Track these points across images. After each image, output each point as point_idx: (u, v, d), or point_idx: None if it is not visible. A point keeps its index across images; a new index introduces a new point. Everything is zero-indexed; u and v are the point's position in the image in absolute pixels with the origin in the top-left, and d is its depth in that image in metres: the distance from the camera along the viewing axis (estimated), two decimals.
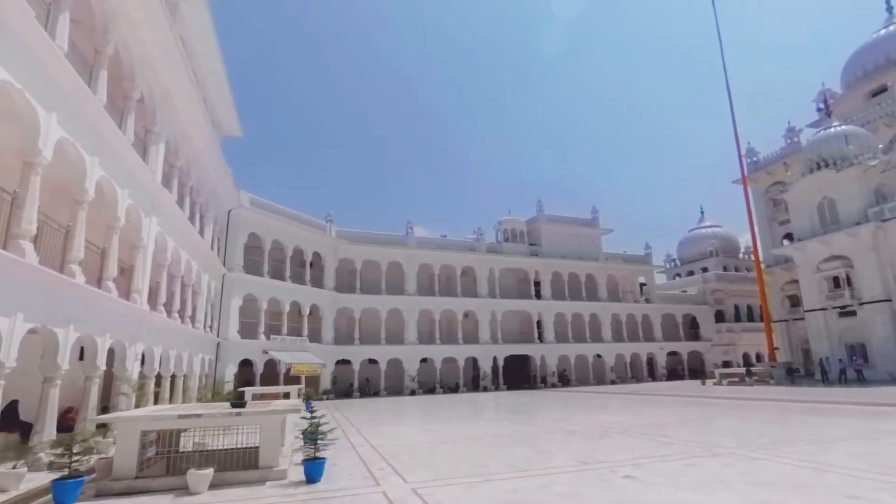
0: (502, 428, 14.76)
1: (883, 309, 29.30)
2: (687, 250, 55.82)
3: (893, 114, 35.77)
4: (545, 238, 42.52)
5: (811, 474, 7.10)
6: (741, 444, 10.12)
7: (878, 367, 28.83)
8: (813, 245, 32.80)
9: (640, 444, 10.44)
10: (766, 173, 42.70)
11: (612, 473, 7.41)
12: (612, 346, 41.87)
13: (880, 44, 40.71)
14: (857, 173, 31.14)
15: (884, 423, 12.51)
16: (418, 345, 35.32)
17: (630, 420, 15.20)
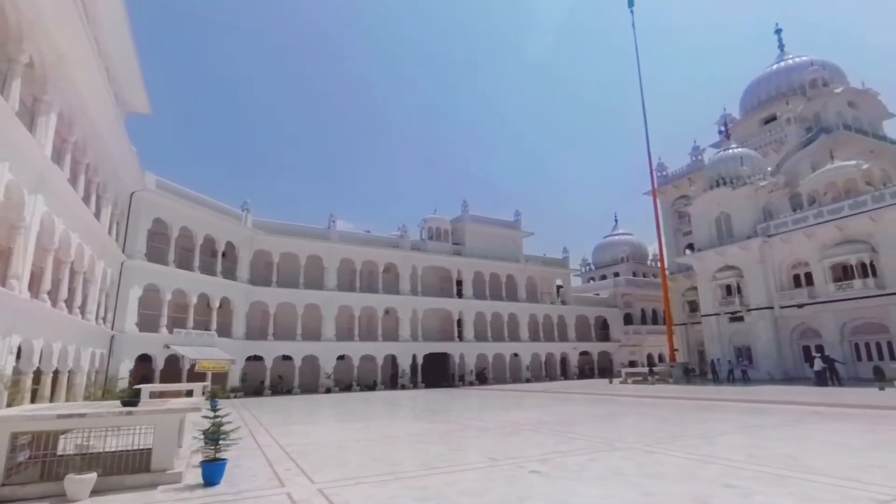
0: (417, 426, 14.64)
1: (766, 315, 32.45)
2: (601, 255, 58.87)
3: (781, 140, 39.78)
4: (469, 238, 43.07)
5: (696, 466, 7.63)
6: (639, 439, 10.71)
7: (761, 368, 31.91)
8: (710, 255, 35.70)
9: (549, 440, 10.75)
10: (673, 187, 46.00)
11: (520, 469, 7.56)
12: (528, 346, 43.18)
13: (772, 77, 45.19)
14: (748, 192, 34.26)
15: (760, 418, 13.77)
16: (336, 342, 34.39)
17: (541, 417, 15.62)
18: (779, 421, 13.01)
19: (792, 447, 9.24)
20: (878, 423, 12.02)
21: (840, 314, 29.28)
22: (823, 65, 41.94)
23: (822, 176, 32.08)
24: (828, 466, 7.38)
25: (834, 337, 29.37)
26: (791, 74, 43.40)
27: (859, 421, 12.54)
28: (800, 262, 31.70)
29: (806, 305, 30.71)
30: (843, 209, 29.28)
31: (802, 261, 31.43)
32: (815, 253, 30.41)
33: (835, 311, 29.42)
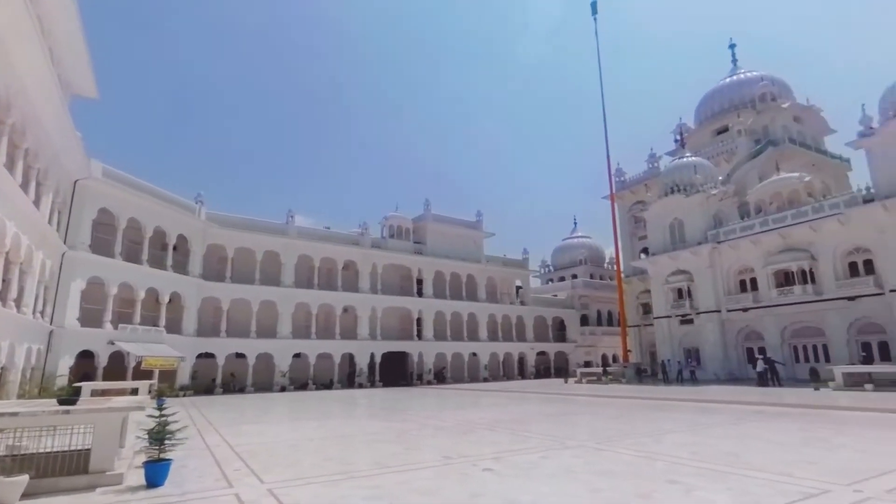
0: (373, 425, 14.54)
1: (713, 318, 33.83)
2: (560, 257, 59.96)
3: (732, 151, 41.57)
4: (430, 237, 43.05)
5: (644, 463, 7.87)
6: (591, 437, 10.97)
7: (708, 369, 33.23)
8: (663, 259, 36.91)
9: (503, 438, 10.87)
10: (630, 192, 47.33)
11: (473, 467, 7.62)
12: (487, 346, 43.54)
13: (725, 90, 47.15)
14: (701, 200, 35.62)
15: (706, 417, 14.34)
16: (292, 339, 33.67)
17: (497, 416, 15.78)
18: (723, 419, 13.56)
19: (733, 445, 9.64)
20: (811, 422, 12.70)
21: (781, 318, 30.82)
22: (773, 80, 44.07)
23: (768, 186, 33.69)
24: (765, 462, 7.74)
25: (775, 339, 30.89)
26: (743, 88, 45.38)
27: (795, 420, 13.21)
28: (746, 268, 33.18)
29: (750, 309, 32.17)
30: (787, 219, 30.83)
31: (748, 267, 32.90)
32: (760, 259, 31.89)
33: (776, 315, 30.95)
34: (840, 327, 28.24)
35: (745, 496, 5.76)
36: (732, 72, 48.61)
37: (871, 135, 27.19)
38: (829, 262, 28.93)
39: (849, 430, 11.13)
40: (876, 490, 5.89)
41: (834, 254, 28.84)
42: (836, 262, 28.78)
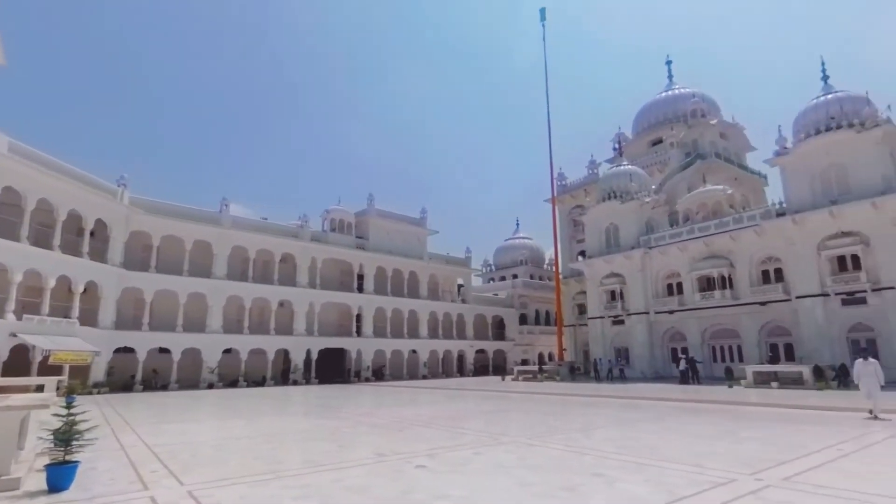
0: (306, 423, 14.23)
1: (642, 320, 35.53)
2: (502, 257, 61.01)
3: (664, 162, 43.78)
4: (373, 232, 42.57)
5: (572, 457, 8.16)
6: (524, 433, 11.22)
7: (636, 367, 34.87)
8: (599, 262, 38.36)
9: (438, 435, 10.90)
10: (570, 196, 48.84)
11: (407, 464, 7.62)
12: (427, 343, 43.59)
13: (661, 104, 49.59)
14: (635, 206, 37.29)
15: (632, 413, 15.04)
16: (223, 334, 32.17)
17: (434, 413, 15.84)
18: (646, 415, 14.25)
19: (654, 439, 10.15)
20: (724, 417, 13.59)
21: (702, 320, 32.82)
22: (703, 98, 46.78)
23: (695, 197, 35.77)
24: (680, 455, 8.20)
25: (696, 340, 32.86)
26: (676, 103, 47.89)
27: (710, 415, 14.10)
28: (673, 273, 35.06)
29: (676, 312, 34.04)
30: (710, 228, 32.84)
31: (676, 272, 34.78)
32: (686, 265, 33.79)
33: (698, 317, 32.93)
34: (752, 330, 30.43)
35: (661, 486, 6.09)
36: (668, 87, 51.21)
37: (785, 154, 29.44)
38: (745, 270, 31.08)
39: (755, 425, 11.99)
40: (774, 478, 6.38)
41: (750, 262, 31.01)
42: (752, 270, 30.96)
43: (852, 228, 26.27)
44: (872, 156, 26.23)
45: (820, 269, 27.19)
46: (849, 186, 26.76)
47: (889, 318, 24.66)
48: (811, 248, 27.55)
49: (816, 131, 28.19)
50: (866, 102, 27.49)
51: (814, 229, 27.47)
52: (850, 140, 26.79)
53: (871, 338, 25.34)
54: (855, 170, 26.70)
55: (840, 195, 26.90)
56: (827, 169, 27.69)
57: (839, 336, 26.22)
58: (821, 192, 27.74)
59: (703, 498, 5.56)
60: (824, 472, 6.79)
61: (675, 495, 5.66)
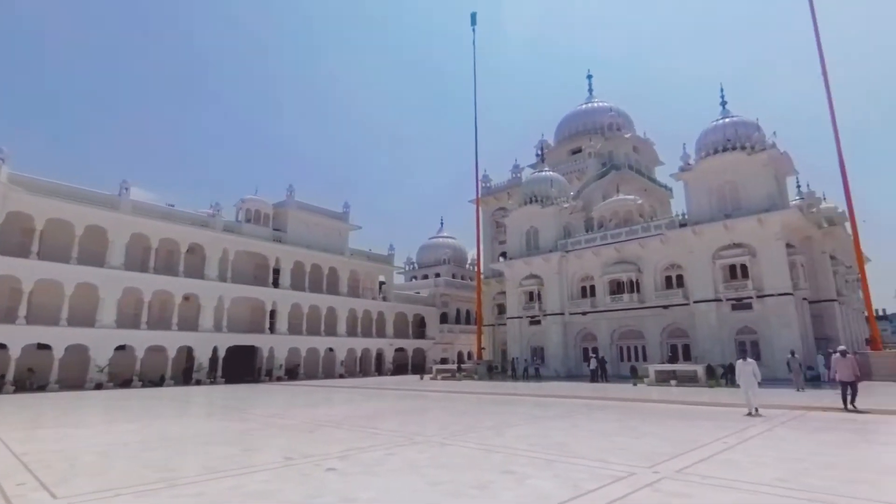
0: (208, 425, 13.34)
1: (558, 320, 36.92)
2: (425, 256, 61.09)
3: (583, 170, 45.83)
4: (292, 225, 40.96)
5: (484, 455, 8.19)
6: (439, 432, 11.16)
7: (550, 366, 36.17)
8: (518, 264, 39.41)
9: (351, 436, 10.60)
10: (494, 198, 49.85)
11: (316, 467, 7.33)
12: (345, 341, 42.63)
13: (581, 115, 51.92)
14: (554, 211, 38.70)
15: (544, 410, 15.49)
16: (116, 329, 29.28)
17: (348, 413, 15.46)
18: (557, 412, 14.73)
19: (563, 435, 10.45)
20: (627, 413, 14.33)
21: (612, 322, 34.68)
22: (619, 112, 49.53)
23: (609, 205, 37.75)
24: (587, 450, 8.48)
25: (606, 341, 34.66)
26: (595, 116, 50.33)
27: (615, 411, 14.82)
28: (587, 276, 36.75)
29: (588, 313, 35.70)
30: (622, 235, 34.78)
31: (589, 275, 36.48)
32: (598, 269, 35.54)
33: (608, 319, 34.76)
34: (655, 331, 32.59)
35: (568, 481, 6.24)
36: (588, 100, 53.75)
37: (688, 170, 31.81)
38: (651, 275, 33.22)
39: (655, 420, 12.74)
40: (669, 471, 6.73)
41: (655, 268, 33.19)
42: (656, 275, 33.15)
43: (742, 240, 28.84)
44: (760, 176, 28.97)
45: (714, 277, 29.61)
46: (740, 202, 29.37)
47: (770, 322, 27.32)
48: (707, 257, 29.93)
49: (714, 151, 30.68)
50: (756, 128, 30.32)
51: (710, 240, 29.87)
52: (742, 161, 29.41)
53: (754, 340, 27.96)
54: (745, 188, 29.36)
55: (733, 210, 29.46)
56: (722, 185, 30.23)
57: (729, 338, 28.68)
58: (717, 206, 30.24)
59: (605, 491, 5.74)
60: (712, 463, 7.26)
61: (579, 489, 5.80)
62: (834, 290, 32.45)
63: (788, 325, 26.64)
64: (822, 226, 34.08)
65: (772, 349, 26.78)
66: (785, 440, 9.45)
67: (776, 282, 27.42)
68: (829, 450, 8.42)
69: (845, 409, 13.32)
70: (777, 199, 28.74)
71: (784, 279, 27.30)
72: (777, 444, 9.07)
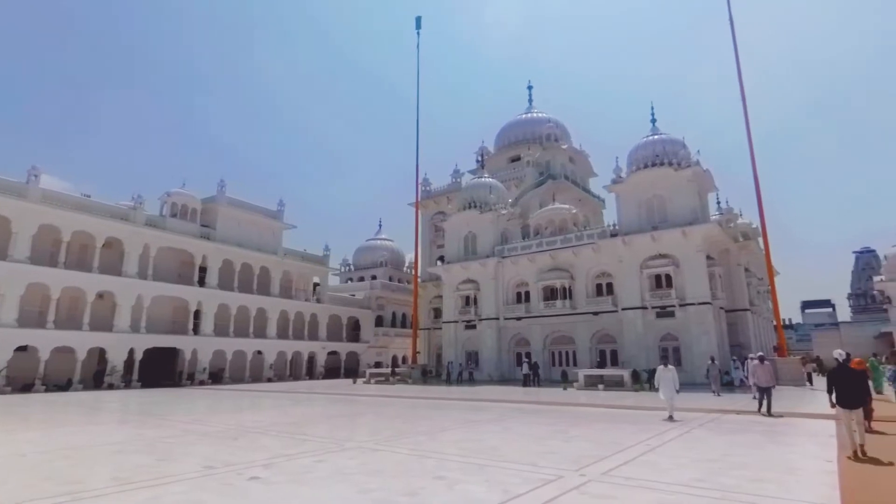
0: (121, 433, 12.38)
1: (492, 325, 37.41)
2: (362, 257, 60.12)
3: (521, 178, 46.84)
4: (221, 221, 39.03)
5: (416, 461, 8.05)
6: (370, 437, 10.90)
7: (484, 370, 36.54)
8: (456, 268, 39.64)
9: (278, 443, 10.14)
10: (434, 202, 49.96)
11: (238, 476, 6.92)
12: (275, 343, 41.07)
13: (521, 124, 53.17)
14: (492, 217, 39.28)
15: (477, 414, 15.52)
16: (17, 328, 26.58)
17: (275, 419, 14.88)
18: (490, 417, 14.80)
19: (495, 439, 10.47)
20: (557, 417, 14.64)
21: (545, 327, 35.56)
22: (557, 124, 51.10)
23: (545, 213, 38.78)
24: (518, 454, 8.52)
25: (539, 346, 35.48)
26: (534, 126, 51.64)
27: (546, 415, 15.09)
28: (523, 282, 37.51)
29: (523, 318, 36.42)
30: (557, 242, 35.81)
31: (525, 281, 37.26)
32: (533, 275, 36.37)
33: (542, 324, 35.61)
34: (585, 337, 33.73)
35: (498, 485, 6.21)
36: (528, 109, 55.14)
37: (620, 182, 33.28)
38: (583, 282, 34.39)
39: (583, 424, 13.08)
40: (596, 473, 6.87)
41: (587, 275, 34.40)
42: (588, 283, 34.37)
43: (667, 251, 30.48)
44: (685, 191, 30.78)
45: (641, 285, 31.07)
46: (666, 215, 31.06)
47: (690, 329, 29.00)
48: (636, 267, 31.38)
49: (644, 165, 32.31)
50: (683, 146, 32.23)
51: (638, 250, 31.35)
52: (669, 176, 31.14)
53: (676, 346, 29.56)
54: (671, 201, 31.09)
55: (660, 222, 31.09)
56: (651, 199, 31.85)
57: (653, 344, 30.15)
58: (645, 218, 31.80)
59: (534, 495, 5.74)
60: (635, 465, 7.49)
61: (510, 494, 5.78)
62: (747, 300, 35.02)
63: (707, 333, 28.38)
64: (738, 240, 36.67)
65: (692, 355, 28.39)
66: (702, 442, 9.94)
67: (697, 291, 29.16)
68: (741, 450, 8.93)
69: (759, 412, 13.98)
70: (699, 213, 30.63)
71: (704, 289, 29.07)
72: (694, 445, 9.52)
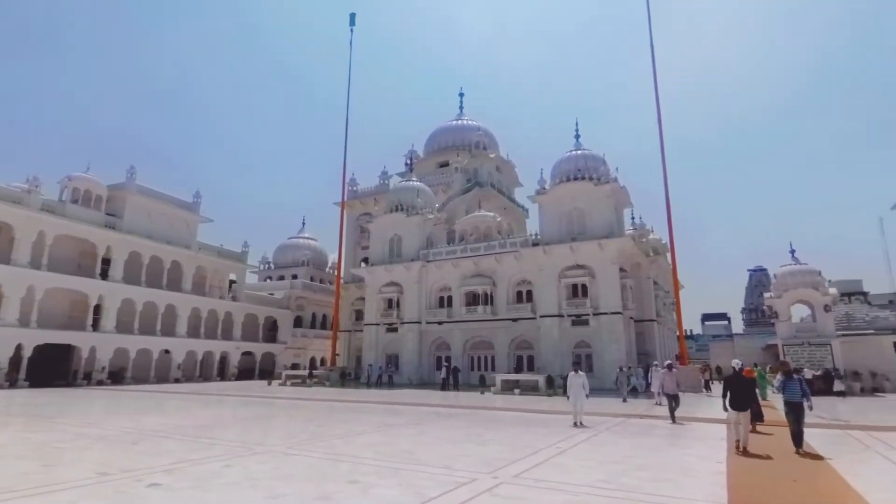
0: (2, 437, 11.19)
1: (414, 329, 37.55)
2: (283, 256, 58.12)
3: (449, 184, 47.47)
4: (130, 210, 36.28)
5: (330, 465, 8.01)
6: (283, 441, 10.66)
7: (404, 374, 36.56)
8: (380, 271, 39.42)
9: (183, 447, 9.65)
10: (360, 203, 49.37)
11: (137, 483, 6.55)
12: (185, 342, 38.73)
13: (451, 131, 53.91)
14: (419, 221, 39.48)
15: (394, 418, 15.59)
16: None
17: (182, 421, 14.13)
18: (406, 420, 14.91)
19: (411, 443, 10.60)
20: (473, 420, 15.03)
21: (466, 332, 36.21)
22: (486, 132, 52.34)
23: (471, 219, 39.56)
24: (433, 458, 8.69)
25: (459, 350, 36.05)
26: (464, 133, 52.55)
27: (463, 419, 15.44)
28: (446, 287, 37.98)
29: (444, 323, 36.86)
30: (480, 249, 36.62)
31: (448, 286, 37.75)
32: (457, 280, 36.96)
33: (463, 329, 36.23)
34: (505, 342, 34.73)
35: (412, 489, 6.34)
36: (458, 116, 56.03)
37: (543, 193, 34.68)
38: (504, 289, 35.42)
39: (498, 427, 13.51)
40: (508, 476, 7.18)
41: (508, 282, 35.47)
42: (509, 290, 35.45)
43: (584, 262, 32.14)
44: (603, 205, 32.64)
45: (559, 294, 32.52)
46: (585, 227, 32.76)
47: (602, 337, 30.73)
48: (554, 276, 32.80)
49: (567, 179, 33.91)
50: (603, 162, 34.18)
51: (557, 260, 32.81)
52: (589, 190, 32.90)
53: (588, 353, 31.18)
54: (590, 215, 32.84)
55: (578, 234, 32.74)
56: (571, 211, 33.47)
57: (568, 351, 31.60)
58: (566, 229, 33.36)
59: (447, 498, 5.92)
60: (545, 467, 7.91)
61: (423, 497, 5.91)
62: (654, 312, 37.67)
63: (617, 341, 30.22)
64: (649, 254, 39.35)
65: (602, 362, 30.08)
66: (608, 444, 10.63)
67: (610, 302, 30.96)
68: (643, 453, 9.63)
69: (672, 421, 14.17)
70: (615, 227, 32.58)
71: (616, 300, 30.94)
72: (601, 448, 10.17)
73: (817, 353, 27.25)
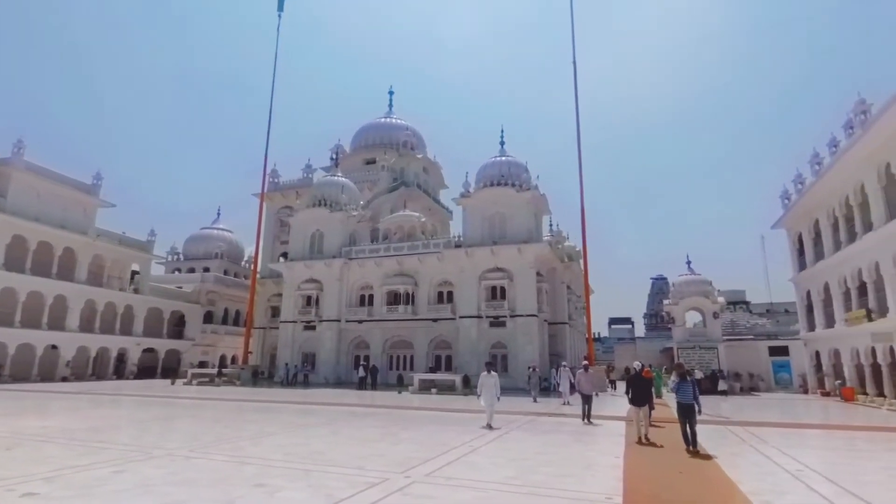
0: None
1: (333, 327, 36.79)
2: (195, 247, 54.63)
3: (375, 181, 46.96)
4: (16, 189, 32.52)
5: (235, 468, 7.69)
6: (184, 444, 10.07)
7: (320, 373, 35.71)
8: (299, 266, 38.24)
9: (68, 452, 8.85)
10: (282, 195, 47.57)
11: (9, 493, 5.95)
12: (76, 337, 35.34)
13: (379, 128, 53.36)
14: (342, 217, 38.76)
15: (307, 418, 15.24)
16: None
17: (68, 424, 12.94)
18: (319, 420, 14.60)
19: (323, 444, 10.40)
20: (389, 420, 14.99)
21: (386, 331, 36.01)
22: (414, 132, 52.32)
23: (395, 219, 39.41)
24: (345, 458, 8.59)
25: (378, 349, 35.79)
26: (392, 131, 52.21)
27: (378, 418, 15.36)
28: (368, 285, 37.56)
29: (364, 322, 36.43)
30: (404, 248, 36.60)
31: (370, 284, 37.35)
32: (379, 279, 36.67)
33: (383, 328, 36.00)
34: (424, 342, 34.94)
35: (322, 490, 6.23)
36: (387, 114, 55.57)
37: (467, 197, 35.30)
38: (426, 289, 35.63)
39: (413, 426, 13.58)
40: (420, 475, 7.25)
41: (430, 283, 35.72)
42: (431, 290, 35.71)
43: (504, 266, 33.07)
44: (523, 211, 33.78)
45: (479, 296, 33.24)
46: (506, 232, 33.72)
47: (517, 339, 31.77)
48: (475, 277, 33.49)
49: (490, 183, 34.75)
50: (525, 169, 35.38)
51: (479, 262, 33.52)
52: (511, 196, 33.92)
53: (504, 354, 32.12)
54: (511, 220, 33.86)
55: (500, 238, 33.64)
56: (494, 215, 34.32)
57: (485, 351, 32.33)
58: (488, 232, 34.15)
59: (358, 498, 5.88)
60: (457, 466, 8.06)
61: (334, 498, 5.83)
62: (567, 315, 39.47)
63: (531, 343, 31.36)
64: (564, 260, 41.18)
65: (517, 362, 31.09)
66: (518, 442, 11.00)
67: (526, 304, 32.08)
68: (551, 450, 10.07)
69: (587, 421, 14.19)
70: (534, 233, 33.82)
71: (532, 303, 32.11)
72: (511, 445, 10.51)
73: (706, 355, 29.86)
